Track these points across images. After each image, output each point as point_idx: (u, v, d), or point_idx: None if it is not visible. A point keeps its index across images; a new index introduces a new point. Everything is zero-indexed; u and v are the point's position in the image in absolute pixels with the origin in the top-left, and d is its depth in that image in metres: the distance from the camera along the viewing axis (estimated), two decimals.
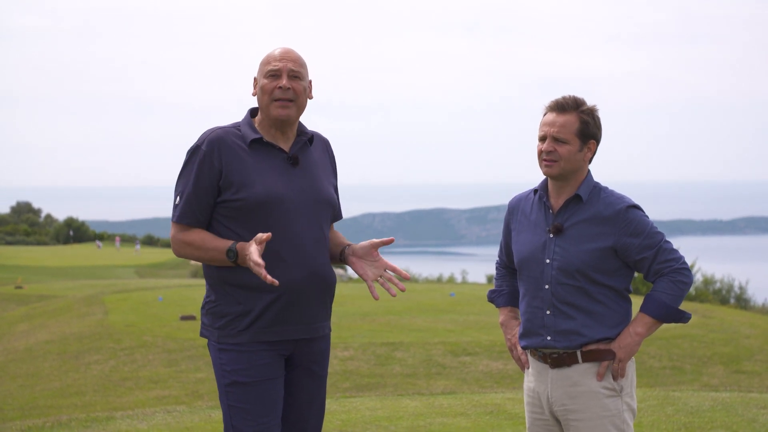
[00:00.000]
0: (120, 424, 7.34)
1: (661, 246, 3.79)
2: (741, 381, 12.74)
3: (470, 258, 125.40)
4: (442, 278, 43.83)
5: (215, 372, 3.79)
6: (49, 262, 47.41)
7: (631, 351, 3.79)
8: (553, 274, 3.84)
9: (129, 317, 17.98)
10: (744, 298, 29.54)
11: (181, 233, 3.77)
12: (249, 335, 3.72)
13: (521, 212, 4.01)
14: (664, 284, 3.78)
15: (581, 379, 3.82)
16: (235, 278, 3.71)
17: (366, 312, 17.76)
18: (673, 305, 3.77)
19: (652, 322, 3.80)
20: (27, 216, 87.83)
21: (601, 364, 3.80)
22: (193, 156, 3.75)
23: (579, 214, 3.86)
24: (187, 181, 3.75)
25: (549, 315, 3.85)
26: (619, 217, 3.81)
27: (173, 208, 3.77)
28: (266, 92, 3.79)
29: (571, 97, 3.88)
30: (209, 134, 3.77)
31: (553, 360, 3.85)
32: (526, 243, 3.93)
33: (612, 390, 3.81)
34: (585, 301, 3.82)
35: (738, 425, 6.96)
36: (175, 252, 3.84)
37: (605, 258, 3.81)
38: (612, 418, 3.80)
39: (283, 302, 3.74)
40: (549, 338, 3.84)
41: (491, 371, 12.90)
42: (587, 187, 3.88)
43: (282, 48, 3.84)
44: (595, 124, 3.88)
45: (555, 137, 3.83)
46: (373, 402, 8.28)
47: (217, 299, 3.76)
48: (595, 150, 3.91)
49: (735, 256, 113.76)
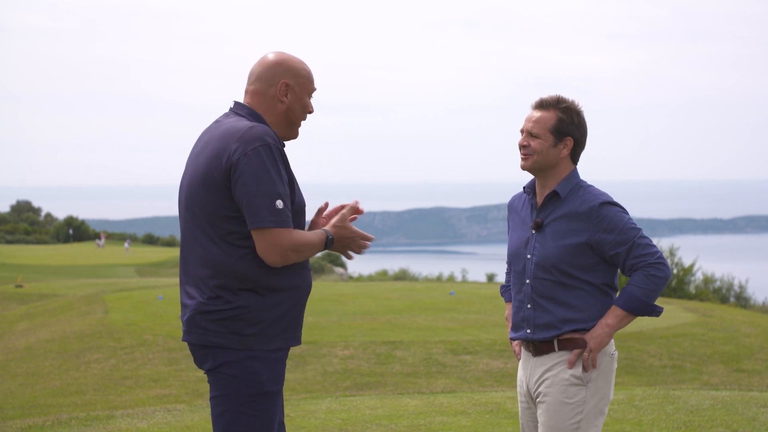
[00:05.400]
0: (120, 423, 7.34)
1: (635, 241, 3.87)
2: (741, 380, 12.75)
3: (470, 257, 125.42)
4: (442, 277, 43.88)
5: (236, 383, 3.59)
6: (49, 261, 47.40)
7: (601, 341, 3.89)
8: (532, 269, 3.98)
9: (129, 316, 17.98)
10: (744, 297, 29.57)
11: (291, 237, 3.55)
12: (280, 341, 3.63)
13: (515, 210, 4.17)
14: (637, 278, 3.87)
15: (554, 366, 3.95)
16: (277, 281, 3.61)
17: (366, 311, 17.77)
18: (644, 299, 3.85)
19: (623, 314, 3.89)
20: (27, 215, 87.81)
21: (572, 352, 3.91)
22: (272, 155, 3.56)
23: (557, 211, 3.97)
24: (278, 181, 3.55)
25: (529, 309, 4.00)
26: (593, 213, 3.90)
27: (275, 212, 3.52)
28: (305, 111, 3.78)
29: (555, 95, 4.02)
30: (269, 131, 3.62)
31: (534, 348, 4.00)
32: (513, 239, 4.10)
33: (578, 379, 3.91)
34: (563, 295, 3.93)
35: (738, 424, 6.96)
36: (279, 261, 3.57)
37: (581, 253, 3.90)
38: (571, 406, 3.90)
39: (301, 305, 3.71)
40: (529, 331, 4.00)
41: (491, 370, 12.90)
42: (568, 184, 3.98)
43: (308, 66, 3.80)
44: (573, 122, 3.98)
45: (530, 132, 3.99)
46: (373, 401, 8.28)
47: (253, 304, 3.58)
48: (573, 146, 4.00)
49: (735, 254, 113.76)
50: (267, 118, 3.74)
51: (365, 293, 21.24)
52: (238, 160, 3.54)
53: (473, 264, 79.54)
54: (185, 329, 3.70)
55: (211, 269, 3.60)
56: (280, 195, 3.54)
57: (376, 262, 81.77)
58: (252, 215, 3.54)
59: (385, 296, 20.52)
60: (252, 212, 3.53)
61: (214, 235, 3.62)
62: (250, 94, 3.77)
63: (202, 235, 3.64)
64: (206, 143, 3.70)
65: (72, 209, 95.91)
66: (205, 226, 3.63)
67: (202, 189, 3.63)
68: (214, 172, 3.60)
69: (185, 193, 3.73)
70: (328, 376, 12.68)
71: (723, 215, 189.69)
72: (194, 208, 3.67)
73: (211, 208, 3.62)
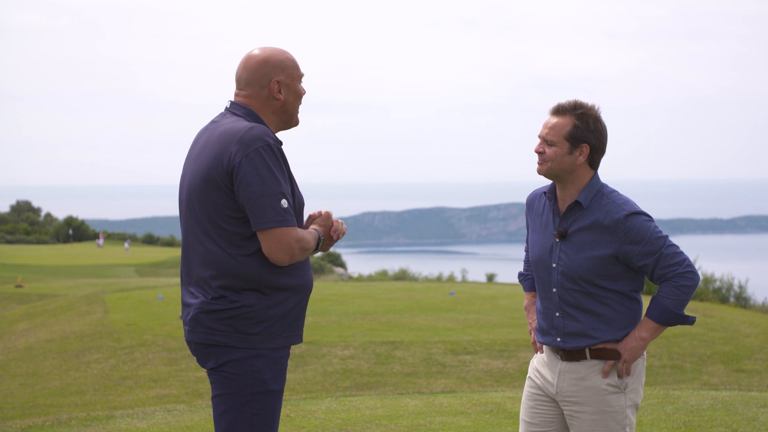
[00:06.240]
0: (120, 423, 7.34)
1: (662, 252, 3.85)
2: (741, 380, 12.75)
3: (470, 257, 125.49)
4: (442, 277, 43.84)
5: (239, 381, 3.60)
6: (49, 261, 47.39)
7: (635, 354, 3.90)
8: (559, 279, 3.96)
9: (129, 316, 17.98)
10: (744, 297, 29.55)
11: (297, 236, 3.57)
12: (283, 339, 3.65)
13: (535, 210, 4.14)
14: (667, 289, 3.85)
15: (588, 374, 3.94)
16: (280, 280, 3.62)
17: (366, 311, 17.77)
18: (675, 310, 3.85)
19: (656, 326, 3.90)
20: (27, 215, 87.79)
21: (606, 362, 3.92)
22: (274, 154, 3.57)
23: (580, 221, 3.95)
24: (281, 180, 3.56)
25: (558, 317, 3.98)
26: (618, 226, 3.87)
27: (281, 212, 3.54)
28: (299, 98, 3.78)
29: (572, 100, 3.99)
30: (268, 132, 3.62)
31: (564, 353, 3.99)
32: (536, 245, 4.05)
33: (616, 387, 3.92)
34: (592, 305, 3.92)
35: (738, 424, 6.96)
36: (287, 260, 3.59)
37: (607, 265, 3.89)
38: (614, 414, 3.92)
39: (303, 303, 3.73)
40: (559, 339, 3.98)
41: (491, 370, 12.90)
42: (589, 192, 3.95)
43: (289, 52, 3.80)
44: (589, 128, 3.95)
45: (545, 139, 3.97)
46: (373, 401, 8.28)
47: (257, 303, 3.60)
48: (590, 152, 3.97)
49: (735, 254, 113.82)
50: (265, 115, 3.75)
51: (365, 293, 21.24)
52: (240, 162, 3.54)
53: (473, 264, 79.60)
54: (189, 328, 3.69)
55: (214, 270, 3.61)
56: (284, 194, 3.55)
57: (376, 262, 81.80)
58: (257, 216, 3.54)
59: (385, 296, 20.53)
60: (257, 213, 3.54)
61: (216, 236, 3.62)
62: (242, 97, 3.76)
63: (204, 236, 3.65)
64: (205, 144, 3.69)
65: (72, 209, 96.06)
66: (207, 227, 3.64)
67: (203, 191, 3.63)
68: (214, 174, 3.59)
69: (186, 195, 3.73)
70: (328, 376, 12.68)
71: (723, 215, 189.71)
72: (195, 209, 3.67)
73: (212, 210, 3.62)
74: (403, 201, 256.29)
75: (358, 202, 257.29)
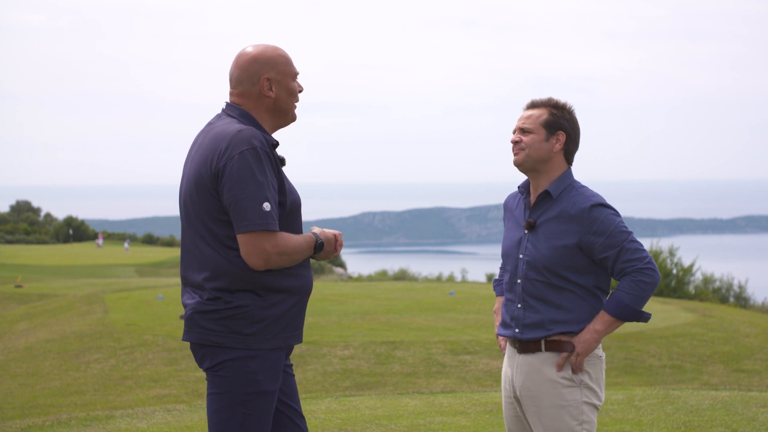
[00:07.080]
0: (120, 423, 7.34)
1: (624, 245, 3.87)
2: (741, 379, 12.76)
3: (470, 257, 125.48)
4: (442, 277, 43.89)
5: (233, 381, 3.61)
6: (49, 261, 47.38)
7: (589, 347, 3.91)
8: (523, 269, 3.99)
9: (129, 316, 17.98)
10: (743, 297, 29.59)
11: (275, 241, 3.54)
12: (280, 340, 3.65)
13: (509, 210, 4.18)
14: (626, 284, 3.88)
15: (542, 367, 3.96)
16: (275, 282, 3.62)
17: (366, 311, 17.78)
18: (632, 305, 3.87)
19: (611, 320, 3.91)
20: (27, 215, 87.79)
21: (560, 355, 3.93)
22: (259, 158, 3.55)
23: (549, 211, 3.98)
24: (265, 184, 3.54)
25: (519, 308, 4.01)
26: (583, 216, 3.90)
27: (261, 216, 3.52)
28: (294, 95, 3.78)
29: (546, 97, 4.06)
30: (257, 135, 3.60)
31: (520, 345, 4.02)
32: (507, 239, 4.12)
33: (570, 380, 3.94)
34: (553, 296, 3.94)
35: (738, 424, 6.96)
36: (261, 265, 3.55)
37: (572, 255, 3.91)
38: (569, 408, 3.93)
39: (301, 304, 3.73)
40: (517, 330, 4.01)
41: (491, 370, 12.91)
42: (560, 184, 3.99)
43: (283, 49, 3.81)
44: (564, 117, 4.01)
45: (521, 128, 4.02)
46: (373, 401, 8.28)
47: (252, 303, 3.59)
48: (566, 142, 4.01)
49: (734, 254, 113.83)
50: (258, 114, 3.75)
51: (365, 293, 21.25)
52: (225, 165, 3.56)
53: (473, 264, 79.59)
54: (185, 329, 3.72)
55: (208, 271, 3.63)
56: (267, 198, 3.54)
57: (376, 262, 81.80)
58: (237, 219, 3.55)
59: (385, 296, 20.53)
60: (237, 216, 3.55)
61: (210, 238, 3.64)
62: (236, 96, 3.78)
63: (199, 238, 3.67)
64: (198, 147, 3.73)
65: (72, 209, 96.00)
66: (201, 229, 3.66)
67: (195, 193, 3.66)
68: (204, 176, 3.63)
69: (183, 197, 3.77)
70: (328, 376, 12.68)
71: (722, 215, 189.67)
72: (190, 211, 3.71)
73: (204, 212, 3.64)
74: (403, 201, 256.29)
75: (357, 202, 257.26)
